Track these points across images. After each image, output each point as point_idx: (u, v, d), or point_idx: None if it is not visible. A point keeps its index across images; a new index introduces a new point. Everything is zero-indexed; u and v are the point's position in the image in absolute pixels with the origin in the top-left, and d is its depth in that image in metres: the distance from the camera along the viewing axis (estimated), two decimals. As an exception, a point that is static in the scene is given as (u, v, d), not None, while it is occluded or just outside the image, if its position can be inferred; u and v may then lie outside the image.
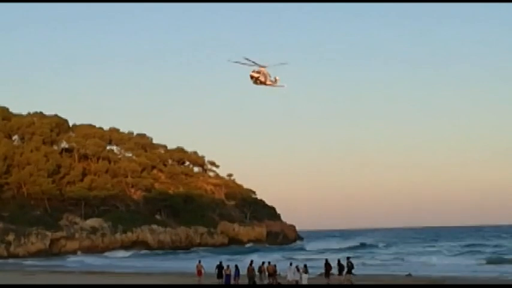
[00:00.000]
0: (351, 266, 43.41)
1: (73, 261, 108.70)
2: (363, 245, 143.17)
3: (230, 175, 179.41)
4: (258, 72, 48.87)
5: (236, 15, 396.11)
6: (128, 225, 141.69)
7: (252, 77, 49.01)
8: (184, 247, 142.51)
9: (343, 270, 44.42)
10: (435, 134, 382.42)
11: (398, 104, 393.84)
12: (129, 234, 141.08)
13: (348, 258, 44.97)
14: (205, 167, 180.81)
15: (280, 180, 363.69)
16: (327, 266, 44.78)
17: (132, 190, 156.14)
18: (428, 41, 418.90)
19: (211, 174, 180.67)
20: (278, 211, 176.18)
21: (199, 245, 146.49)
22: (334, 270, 45.10)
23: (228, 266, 46.07)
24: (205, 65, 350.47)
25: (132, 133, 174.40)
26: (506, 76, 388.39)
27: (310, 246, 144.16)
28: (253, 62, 48.16)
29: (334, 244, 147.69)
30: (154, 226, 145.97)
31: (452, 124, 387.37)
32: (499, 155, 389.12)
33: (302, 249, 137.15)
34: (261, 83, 49.55)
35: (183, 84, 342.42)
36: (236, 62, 47.54)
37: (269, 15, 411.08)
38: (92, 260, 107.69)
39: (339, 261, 45.53)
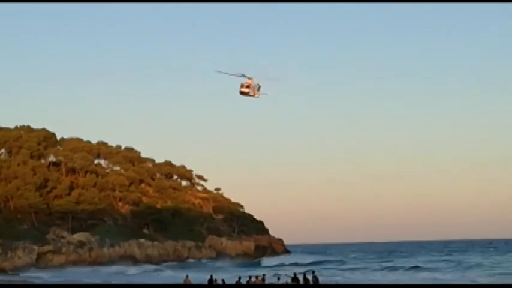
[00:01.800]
0: (315, 281, 43.39)
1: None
2: (321, 262, 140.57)
3: (218, 189, 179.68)
4: (248, 86, 49.15)
5: (229, 20, 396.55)
6: (115, 239, 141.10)
7: (242, 92, 49.27)
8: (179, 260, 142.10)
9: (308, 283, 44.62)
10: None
11: (391, 115, 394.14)
12: (117, 248, 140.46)
13: (313, 272, 45.01)
14: (193, 181, 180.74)
15: (268, 194, 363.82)
16: (294, 280, 44.87)
17: (120, 204, 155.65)
18: (429, 45, 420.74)
19: (199, 188, 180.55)
20: (266, 225, 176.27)
21: (187, 259, 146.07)
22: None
23: (215, 280, 46.05)
24: (193, 77, 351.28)
25: (120, 147, 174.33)
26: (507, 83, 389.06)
27: (266, 262, 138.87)
28: (243, 75, 48.37)
29: (294, 259, 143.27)
30: (142, 240, 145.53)
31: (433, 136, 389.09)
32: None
33: (258, 264, 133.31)
34: (250, 96, 49.85)
35: (171, 97, 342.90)
36: (225, 73, 47.74)
37: (263, 18, 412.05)
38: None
39: (294, 275, 45.71)
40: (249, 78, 49.41)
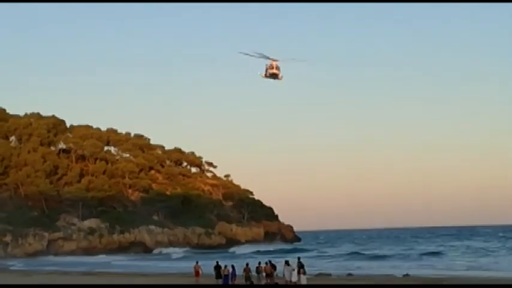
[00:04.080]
0: (301, 266, 43.25)
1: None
2: (296, 249, 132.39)
3: (227, 176, 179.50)
4: (278, 68, 48.23)
5: (235, 14, 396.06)
6: (125, 226, 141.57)
7: (271, 74, 48.33)
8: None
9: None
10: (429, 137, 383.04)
11: (397, 106, 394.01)
12: (127, 235, 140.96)
13: (299, 258, 44.83)
14: (202, 167, 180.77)
15: (278, 180, 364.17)
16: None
17: (130, 191, 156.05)
18: (430, 41, 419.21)
19: (208, 174, 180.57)
20: (276, 212, 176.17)
21: (197, 245, 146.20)
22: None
23: (225, 266, 45.96)
24: (203, 65, 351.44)
25: (130, 134, 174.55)
26: (506, 78, 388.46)
27: (241, 250, 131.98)
28: (266, 57, 47.47)
29: (266, 247, 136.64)
30: (152, 227, 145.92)
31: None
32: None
33: (232, 253, 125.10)
34: (276, 77, 49.02)
35: (181, 84, 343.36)
36: (246, 54, 46.72)
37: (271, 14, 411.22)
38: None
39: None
40: (274, 60, 48.29)
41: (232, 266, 46.13)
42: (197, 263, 48.88)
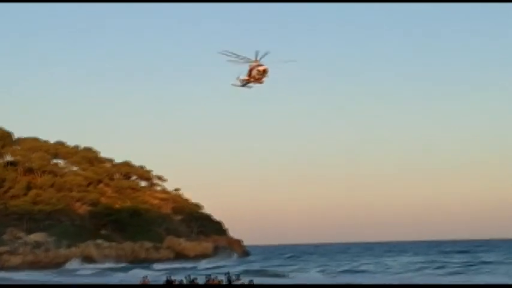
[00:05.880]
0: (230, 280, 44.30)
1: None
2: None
3: (177, 189, 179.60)
4: (266, 72, 45.78)
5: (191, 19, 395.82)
6: (72, 240, 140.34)
7: (259, 79, 46.59)
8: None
9: None
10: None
11: (345, 117, 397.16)
12: (74, 249, 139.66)
13: (228, 273, 45.84)
14: (152, 181, 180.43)
15: (228, 194, 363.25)
16: None
17: (78, 204, 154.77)
18: (431, 45, 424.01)
19: (158, 188, 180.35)
20: (225, 226, 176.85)
21: (145, 260, 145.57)
22: None
23: (174, 280, 46.53)
24: (151, 77, 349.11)
25: (79, 147, 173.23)
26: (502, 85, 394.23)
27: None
28: (247, 58, 45.44)
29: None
30: (100, 241, 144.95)
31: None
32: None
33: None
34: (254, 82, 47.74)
35: (130, 97, 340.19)
36: (226, 54, 44.51)
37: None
38: None
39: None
40: (255, 61, 45.64)
41: (181, 281, 46.71)
42: (146, 277, 49.31)
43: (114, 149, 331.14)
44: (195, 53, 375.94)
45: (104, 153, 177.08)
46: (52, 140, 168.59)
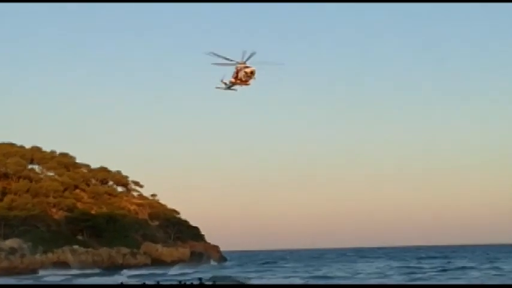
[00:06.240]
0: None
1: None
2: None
3: (154, 195, 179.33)
4: (253, 73, 45.12)
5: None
6: (48, 245, 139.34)
7: (245, 81, 45.28)
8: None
9: None
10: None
11: (322, 123, 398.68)
12: (49, 255, 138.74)
13: (200, 279, 45.94)
14: (129, 187, 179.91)
15: (205, 199, 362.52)
16: None
17: (54, 210, 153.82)
18: (431, 46, 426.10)
19: (135, 194, 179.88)
20: (202, 231, 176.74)
21: (122, 265, 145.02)
22: None
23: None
24: (127, 81, 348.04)
25: (55, 152, 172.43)
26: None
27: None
28: (230, 59, 44.26)
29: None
30: (76, 247, 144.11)
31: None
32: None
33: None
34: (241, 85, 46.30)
35: (106, 102, 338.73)
36: (215, 55, 43.07)
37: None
38: None
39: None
40: (242, 62, 44.75)
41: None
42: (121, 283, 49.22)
43: (90, 154, 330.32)
44: (174, 54, 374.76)
45: (80, 159, 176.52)
46: (28, 145, 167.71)
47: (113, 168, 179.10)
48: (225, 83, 47.06)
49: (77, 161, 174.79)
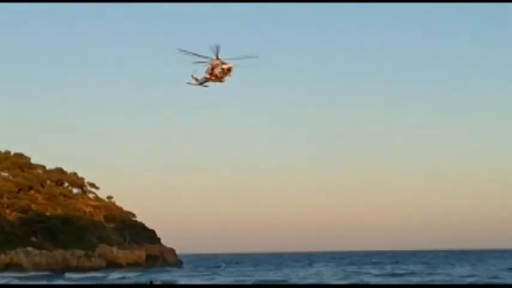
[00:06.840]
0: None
1: None
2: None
3: (110, 197, 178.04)
4: (230, 70, 43.11)
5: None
6: (1, 247, 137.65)
7: (221, 78, 43.01)
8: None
9: None
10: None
11: (285, 125, 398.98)
12: (2, 256, 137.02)
13: (151, 281, 46.08)
14: (84, 188, 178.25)
15: (162, 202, 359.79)
16: None
17: (8, 211, 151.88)
18: (433, 49, 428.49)
19: (90, 196, 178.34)
20: (158, 234, 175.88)
21: (76, 268, 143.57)
22: None
23: None
24: (84, 80, 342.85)
25: (9, 152, 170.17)
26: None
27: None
28: (204, 56, 42.50)
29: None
30: (30, 249, 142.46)
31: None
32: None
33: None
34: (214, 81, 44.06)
35: (62, 102, 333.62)
36: (185, 52, 41.20)
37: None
38: None
39: None
40: (216, 59, 42.85)
41: None
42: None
43: (46, 155, 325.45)
44: (140, 54, 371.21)
45: (35, 159, 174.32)
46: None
47: (68, 169, 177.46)
48: (196, 79, 45.40)
49: (32, 161, 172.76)
